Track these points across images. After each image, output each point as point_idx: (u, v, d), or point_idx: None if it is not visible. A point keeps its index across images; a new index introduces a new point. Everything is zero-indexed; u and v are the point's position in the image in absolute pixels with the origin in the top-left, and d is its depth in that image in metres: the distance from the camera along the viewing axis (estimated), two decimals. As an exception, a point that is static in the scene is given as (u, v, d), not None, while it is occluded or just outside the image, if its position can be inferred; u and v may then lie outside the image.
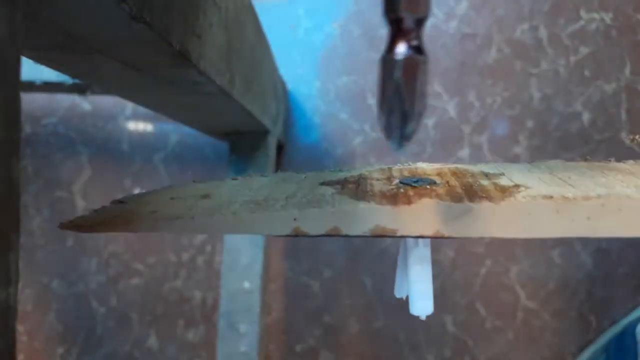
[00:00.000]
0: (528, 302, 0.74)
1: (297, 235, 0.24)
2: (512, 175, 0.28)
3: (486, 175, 0.28)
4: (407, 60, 0.17)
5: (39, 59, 0.28)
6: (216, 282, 0.74)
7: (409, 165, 0.31)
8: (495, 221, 0.24)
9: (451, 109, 0.74)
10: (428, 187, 0.26)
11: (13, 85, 0.14)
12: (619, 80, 0.74)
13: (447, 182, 0.27)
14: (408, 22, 0.17)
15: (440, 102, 0.74)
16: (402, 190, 0.26)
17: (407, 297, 0.30)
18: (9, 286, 0.14)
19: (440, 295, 0.74)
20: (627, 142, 0.74)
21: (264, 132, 0.63)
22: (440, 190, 0.26)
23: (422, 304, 0.29)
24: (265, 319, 0.68)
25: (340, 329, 0.75)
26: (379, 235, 0.24)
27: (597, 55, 0.74)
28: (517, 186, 0.26)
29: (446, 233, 0.24)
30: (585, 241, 0.74)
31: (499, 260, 0.74)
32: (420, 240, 0.28)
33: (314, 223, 0.24)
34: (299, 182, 0.29)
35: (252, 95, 0.48)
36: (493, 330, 0.74)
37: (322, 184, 0.28)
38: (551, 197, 0.24)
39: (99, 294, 0.76)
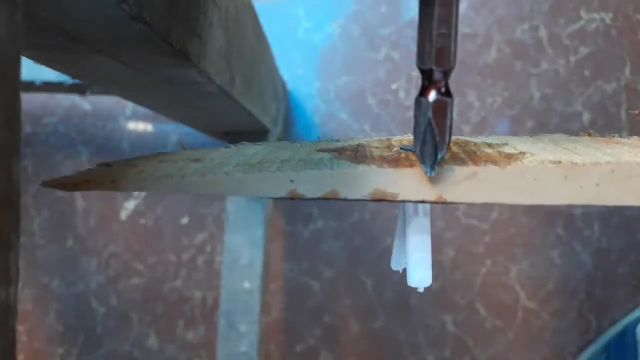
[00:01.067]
0: (528, 302, 0.74)
1: (292, 198, 0.23)
2: (515, 144, 0.27)
3: (489, 145, 0.27)
4: (437, 102, 0.23)
5: (39, 59, 0.28)
6: (216, 282, 0.74)
7: (409, 136, 0.30)
8: (500, 186, 0.23)
9: (451, 109, 0.74)
10: None
11: (13, 85, 0.14)
12: (619, 80, 0.74)
13: (450, 148, 0.26)
14: (437, 73, 0.23)
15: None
16: (403, 155, 0.25)
17: (404, 271, 0.30)
18: (9, 286, 0.14)
19: (440, 295, 0.74)
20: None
21: (264, 132, 0.63)
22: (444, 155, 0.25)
23: (420, 274, 0.27)
24: (265, 319, 0.68)
25: (340, 329, 0.75)
26: (378, 199, 0.23)
27: (597, 55, 0.74)
28: (522, 153, 0.25)
29: (449, 198, 0.23)
30: (585, 241, 0.74)
31: (499, 260, 0.74)
32: (420, 208, 0.27)
33: (311, 186, 0.23)
34: (294, 149, 0.28)
35: (252, 95, 0.48)
36: (493, 330, 0.74)
37: (319, 150, 0.27)
38: (559, 162, 0.23)
39: (99, 294, 0.76)
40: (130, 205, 0.76)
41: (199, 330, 0.75)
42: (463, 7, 0.75)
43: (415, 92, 0.75)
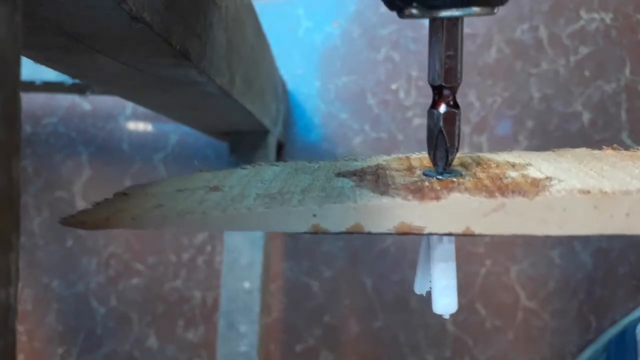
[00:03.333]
0: (528, 302, 0.74)
1: (316, 232, 0.23)
2: (539, 165, 0.27)
3: (513, 166, 0.27)
4: (447, 113, 0.26)
5: (39, 59, 0.28)
6: (216, 282, 0.74)
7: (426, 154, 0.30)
8: (529, 218, 0.22)
9: (451, 109, 0.74)
10: (454, 180, 0.25)
11: (13, 85, 0.14)
12: (619, 80, 0.74)
13: (474, 173, 0.26)
14: (446, 90, 0.27)
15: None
16: (427, 183, 0.25)
17: (427, 294, 0.29)
18: (9, 286, 0.14)
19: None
20: (628, 142, 0.74)
21: (264, 132, 0.63)
22: (468, 183, 0.24)
23: (446, 302, 0.27)
24: (265, 319, 0.68)
25: (340, 329, 0.75)
26: (404, 233, 0.23)
27: (597, 55, 0.74)
28: (548, 178, 0.24)
29: (477, 230, 0.23)
30: (585, 241, 0.74)
31: (499, 260, 0.74)
32: (444, 236, 0.27)
33: (334, 220, 0.23)
34: (312, 172, 0.27)
35: (252, 95, 0.48)
36: (493, 330, 0.74)
37: (339, 175, 0.27)
38: (588, 192, 0.22)
39: (99, 294, 0.76)
40: (130, 205, 0.76)
41: (199, 330, 0.75)
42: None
43: (415, 92, 0.75)
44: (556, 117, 0.74)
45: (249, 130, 0.62)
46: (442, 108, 0.26)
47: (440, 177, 0.26)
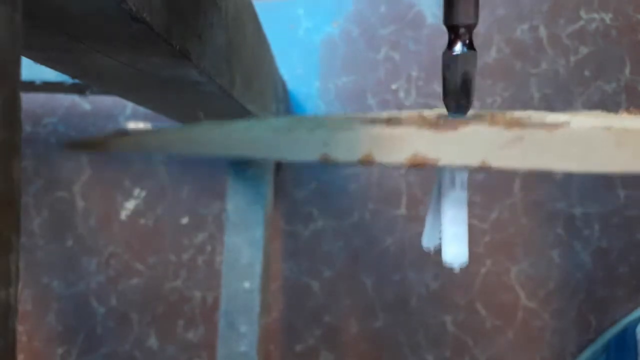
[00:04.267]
0: (528, 302, 0.74)
1: (325, 162, 0.21)
2: (556, 117, 0.26)
3: (528, 117, 0.26)
4: (463, 54, 0.25)
5: (39, 59, 0.28)
6: (216, 282, 0.74)
7: (440, 108, 0.29)
8: (548, 151, 0.21)
9: (451, 109, 0.74)
10: (469, 119, 0.24)
11: (13, 85, 0.14)
12: (619, 80, 0.74)
13: (491, 116, 0.25)
14: (462, 29, 0.25)
15: (440, 102, 0.74)
16: (441, 120, 0.24)
17: (434, 248, 0.28)
18: (9, 286, 0.14)
19: (440, 295, 0.74)
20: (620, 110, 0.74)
21: (264, 132, 0.63)
22: (485, 121, 0.24)
23: (456, 250, 0.27)
24: (265, 319, 0.68)
25: (340, 329, 0.75)
26: (417, 164, 0.22)
27: (597, 55, 0.74)
28: (567, 122, 0.23)
29: (493, 163, 0.21)
30: (585, 241, 0.74)
31: (499, 260, 0.74)
32: (457, 180, 0.26)
33: (345, 149, 0.21)
34: (320, 120, 0.26)
35: (252, 95, 0.48)
36: (493, 330, 0.74)
37: (349, 119, 0.26)
38: (610, 127, 0.21)
39: (99, 294, 0.76)
40: (130, 205, 0.76)
41: (199, 330, 0.75)
42: (463, 7, 0.75)
43: (415, 92, 0.75)
44: (556, 117, 0.74)
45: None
46: (457, 48, 0.25)
47: (454, 116, 0.25)
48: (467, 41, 0.25)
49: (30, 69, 0.60)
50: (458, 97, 0.25)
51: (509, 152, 0.21)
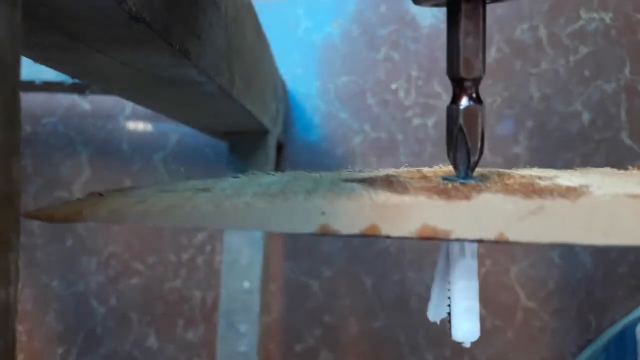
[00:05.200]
0: (528, 302, 0.74)
1: (324, 234, 0.19)
2: (568, 177, 0.24)
3: (539, 178, 0.24)
4: (469, 109, 0.24)
5: (39, 59, 0.28)
6: (216, 282, 0.74)
7: (441, 167, 0.27)
8: (571, 223, 0.19)
9: (451, 109, 0.74)
10: (481, 184, 0.22)
11: (13, 85, 0.14)
12: (619, 80, 0.74)
13: (500, 181, 0.23)
14: (467, 82, 0.24)
15: (440, 102, 0.74)
16: (451, 186, 0.22)
17: (442, 321, 0.26)
18: (9, 286, 0.14)
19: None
20: (628, 142, 0.74)
21: (264, 132, 0.63)
22: (499, 187, 0.21)
23: (467, 327, 0.24)
24: (265, 319, 0.68)
25: (340, 329, 0.75)
26: (427, 238, 0.20)
27: (597, 55, 0.74)
28: (585, 186, 0.21)
29: (511, 237, 0.19)
30: (585, 241, 0.74)
31: (499, 260, 0.74)
32: (467, 249, 0.24)
33: (347, 220, 0.19)
34: (315, 180, 0.24)
35: (252, 95, 0.48)
36: (493, 330, 0.74)
37: (346, 181, 0.23)
38: (637, 196, 0.19)
39: (99, 294, 0.76)
40: (130, 205, 0.76)
41: (199, 330, 0.75)
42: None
43: (415, 92, 0.75)
44: (556, 117, 0.74)
45: (249, 130, 0.62)
46: (464, 103, 0.23)
47: (463, 181, 0.23)
48: (474, 95, 0.24)
49: (30, 69, 0.60)
50: (463, 155, 0.23)
51: (528, 224, 0.19)
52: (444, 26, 0.77)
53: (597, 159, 0.74)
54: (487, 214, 0.19)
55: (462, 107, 0.24)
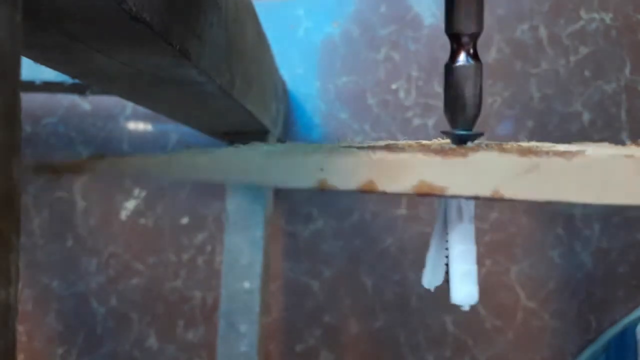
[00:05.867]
0: (528, 302, 0.74)
1: (322, 189, 0.19)
2: (564, 146, 0.24)
3: (537, 146, 0.24)
4: (466, 66, 0.23)
5: (39, 59, 0.28)
6: (216, 282, 0.74)
7: (439, 139, 0.27)
8: (565, 181, 0.19)
9: (451, 109, 0.74)
10: (477, 146, 0.22)
11: (13, 85, 0.14)
12: (619, 80, 0.74)
13: (499, 146, 0.23)
14: (464, 38, 0.23)
15: (440, 102, 0.73)
16: (448, 147, 0.22)
17: (435, 288, 0.26)
18: (9, 286, 0.14)
19: (440, 295, 0.74)
20: (628, 142, 0.74)
21: (264, 132, 0.63)
22: (496, 149, 0.22)
23: (466, 290, 0.25)
24: (265, 319, 0.68)
25: (340, 329, 0.75)
26: (423, 194, 0.20)
27: (597, 55, 0.74)
28: (581, 150, 0.21)
29: (507, 194, 0.19)
30: (585, 241, 0.74)
31: (499, 260, 0.74)
32: (465, 213, 0.24)
33: (344, 175, 0.19)
34: (314, 147, 0.24)
35: (252, 95, 0.48)
36: (493, 330, 0.74)
37: (345, 147, 0.23)
38: (632, 155, 0.19)
39: (99, 294, 0.76)
40: (130, 205, 0.76)
41: (199, 330, 0.75)
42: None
43: (415, 92, 0.75)
44: (556, 117, 0.74)
45: (249, 130, 0.62)
46: (461, 59, 0.23)
47: (462, 132, 0.23)
48: (472, 51, 0.23)
49: (30, 69, 0.59)
50: (463, 111, 0.23)
51: (523, 181, 0.19)
52: (444, 26, 0.77)
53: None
54: (483, 170, 0.19)
55: (458, 64, 0.24)
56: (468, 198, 0.21)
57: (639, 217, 0.74)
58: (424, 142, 0.27)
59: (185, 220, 0.76)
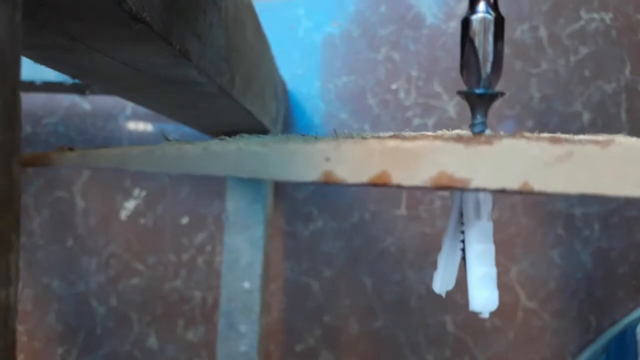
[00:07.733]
0: (528, 302, 0.74)
1: (327, 182, 0.17)
2: (591, 137, 0.21)
3: (566, 136, 0.22)
4: (484, 19, 0.21)
5: (39, 59, 0.28)
6: (216, 282, 0.74)
7: (448, 130, 0.25)
8: (601, 171, 0.17)
9: (451, 109, 0.74)
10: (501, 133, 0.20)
11: (13, 85, 0.14)
12: (619, 80, 0.74)
13: (522, 134, 0.20)
14: None
15: (440, 102, 0.74)
16: (471, 134, 0.19)
17: (447, 294, 0.25)
18: (9, 286, 0.14)
19: (440, 295, 0.74)
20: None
21: (264, 132, 0.63)
22: (521, 136, 0.19)
23: (486, 295, 0.21)
24: (265, 319, 0.68)
25: (340, 329, 0.75)
26: (443, 187, 0.17)
27: (597, 55, 0.74)
28: (612, 139, 0.19)
29: (537, 186, 0.17)
30: (585, 241, 0.74)
31: (499, 260, 0.74)
32: (483, 210, 0.22)
33: (354, 166, 0.16)
34: (315, 137, 0.20)
35: (252, 95, 0.48)
36: (493, 330, 0.74)
37: (347, 137, 0.21)
38: None
39: (99, 294, 0.76)
40: (130, 205, 0.76)
41: (199, 330, 0.75)
42: (463, 7, 0.75)
43: (415, 92, 0.75)
44: (556, 117, 0.74)
45: (249, 130, 0.62)
46: (480, 9, 0.21)
47: (481, 91, 0.19)
48: (492, 1, 0.21)
49: (30, 69, 0.60)
50: (485, 67, 0.19)
51: (554, 172, 0.17)
52: (444, 26, 0.78)
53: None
54: (510, 159, 0.17)
55: (474, 17, 0.21)
56: (493, 191, 0.19)
57: (639, 217, 0.74)
58: (431, 133, 0.24)
59: (185, 220, 0.76)
